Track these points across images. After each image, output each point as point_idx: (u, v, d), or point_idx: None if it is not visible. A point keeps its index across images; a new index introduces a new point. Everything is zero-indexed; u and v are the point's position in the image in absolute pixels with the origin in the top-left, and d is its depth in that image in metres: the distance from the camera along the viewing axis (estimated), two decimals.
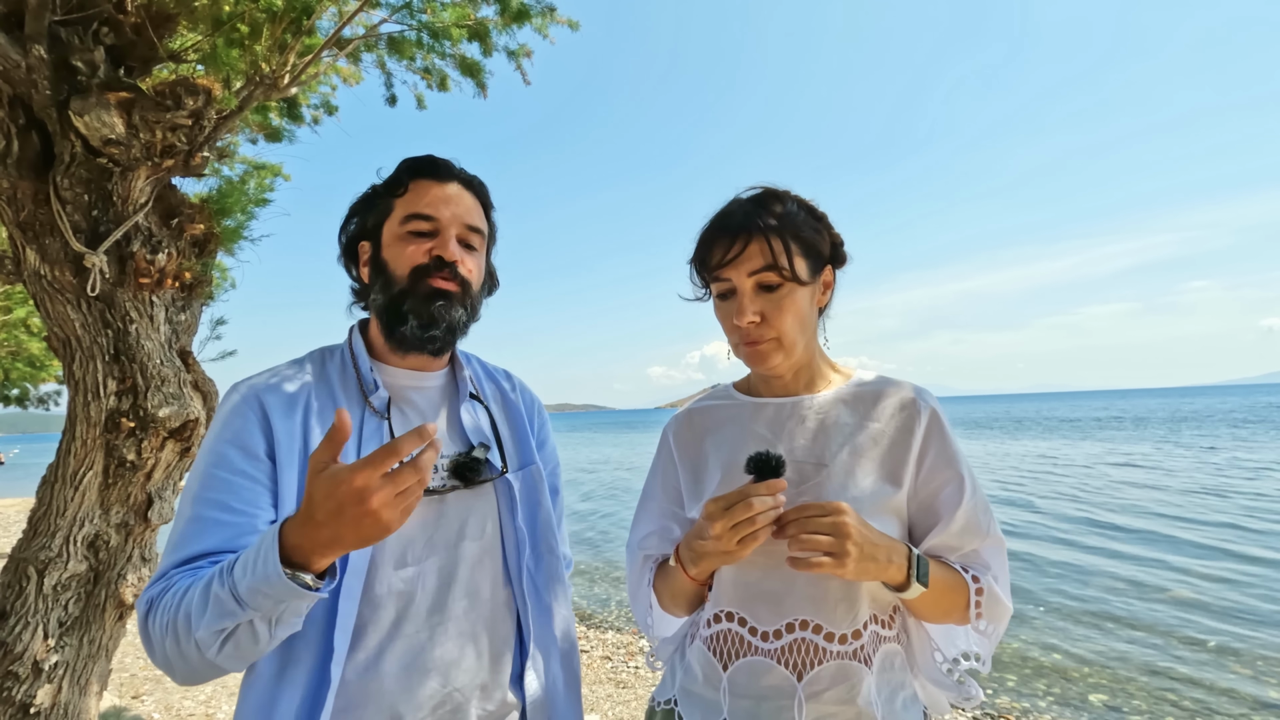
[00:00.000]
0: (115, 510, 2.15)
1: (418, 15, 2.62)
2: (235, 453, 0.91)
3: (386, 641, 0.95)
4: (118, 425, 2.06)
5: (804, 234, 1.02)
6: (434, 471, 1.03)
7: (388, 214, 1.05)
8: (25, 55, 1.79)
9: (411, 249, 1.02)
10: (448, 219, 1.03)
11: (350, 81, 3.14)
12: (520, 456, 1.15)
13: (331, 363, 1.06)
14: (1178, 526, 9.60)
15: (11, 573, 2.07)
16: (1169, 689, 4.49)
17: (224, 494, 0.89)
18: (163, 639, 0.80)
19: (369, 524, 0.69)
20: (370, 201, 1.08)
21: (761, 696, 1.00)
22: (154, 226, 2.16)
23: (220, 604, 0.74)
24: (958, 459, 1.03)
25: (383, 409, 1.02)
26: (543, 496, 1.14)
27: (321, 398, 1.00)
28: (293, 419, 0.96)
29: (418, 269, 1.01)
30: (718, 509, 0.88)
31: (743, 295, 1.02)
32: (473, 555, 1.04)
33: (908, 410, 1.05)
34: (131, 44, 2.06)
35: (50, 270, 1.97)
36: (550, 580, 1.12)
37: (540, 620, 1.09)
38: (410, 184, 1.04)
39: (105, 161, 1.96)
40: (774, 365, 1.06)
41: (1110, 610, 6.12)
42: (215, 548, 0.86)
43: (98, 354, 2.05)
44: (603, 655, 5.06)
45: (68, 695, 2.10)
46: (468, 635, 1.01)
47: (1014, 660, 5.05)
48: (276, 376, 1.00)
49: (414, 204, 1.03)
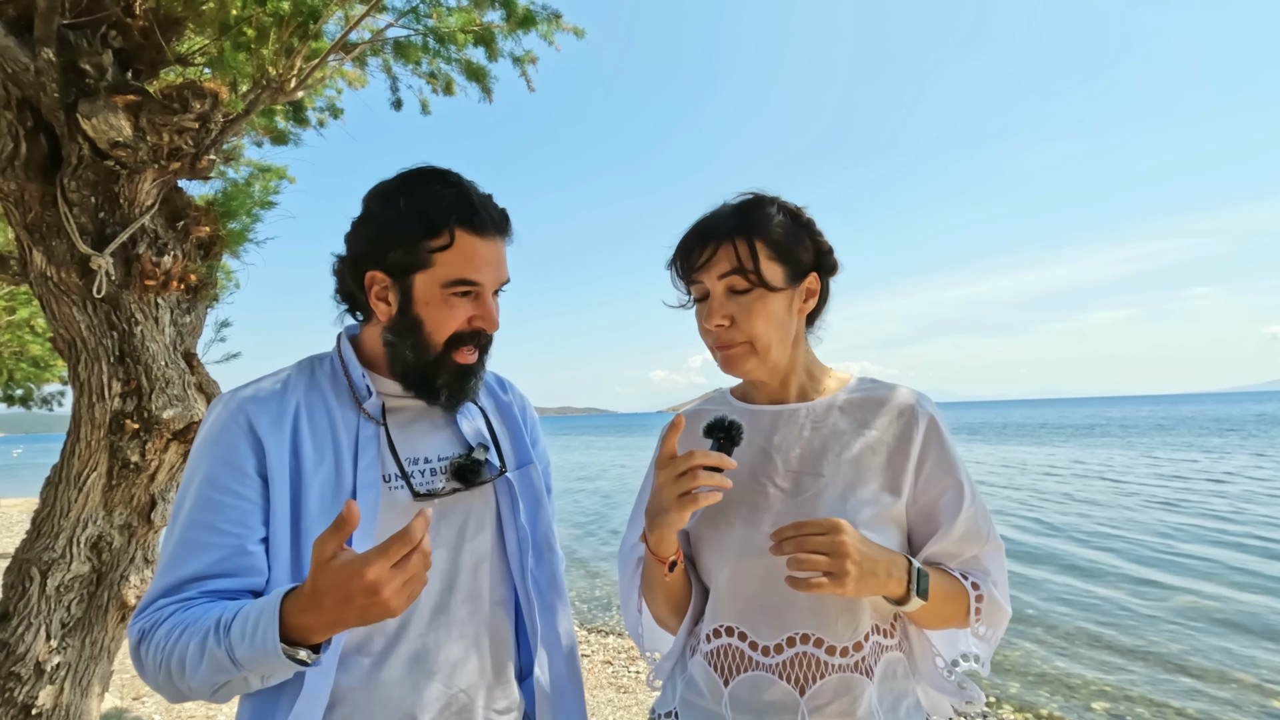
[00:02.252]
0: (118, 512, 2.16)
1: (423, 20, 2.63)
2: (224, 470, 0.90)
3: (391, 645, 0.95)
4: (122, 427, 2.07)
5: (779, 239, 1.01)
6: (432, 475, 1.03)
7: (424, 266, 0.95)
8: (34, 58, 1.80)
9: (453, 314, 0.97)
10: (490, 281, 0.99)
11: (356, 85, 3.16)
12: (517, 456, 1.15)
13: (321, 371, 1.04)
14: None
15: (15, 573, 2.07)
16: (1171, 697, 4.47)
17: (212, 514, 0.87)
18: (156, 672, 0.81)
19: (376, 611, 0.70)
20: (402, 237, 0.96)
21: (763, 711, 0.99)
22: (160, 229, 2.17)
23: (216, 661, 0.75)
24: (956, 465, 1.02)
25: (378, 415, 1.01)
26: (541, 495, 1.15)
27: (312, 407, 0.98)
28: (282, 431, 0.94)
29: (455, 337, 0.98)
30: (663, 458, 0.90)
31: (713, 299, 1.02)
32: (475, 556, 1.04)
33: (906, 417, 1.04)
34: (139, 47, 2.07)
35: (56, 272, 1.98)
36: (551, 578, 1.12)
37: (543, 618, 1.09)
38: (456, 238, 0.95)
39: (112, 164, 1.97)
40: (748, 370, 1.05)
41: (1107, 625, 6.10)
42: (203, 571, 0.85)
43: (103, 355, 2.06)
44: (603, 660, 5.05)
45: (69, 696, 2.10)
46: (471, 636, 1.01)
47: (1015, 668, 5.03)
48: (263, 389, 0.98)
49: (462, 268, 0.95)
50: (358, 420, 0.99)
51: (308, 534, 0.90)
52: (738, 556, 1.02)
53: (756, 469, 1.06)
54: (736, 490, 1.05)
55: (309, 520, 0.91)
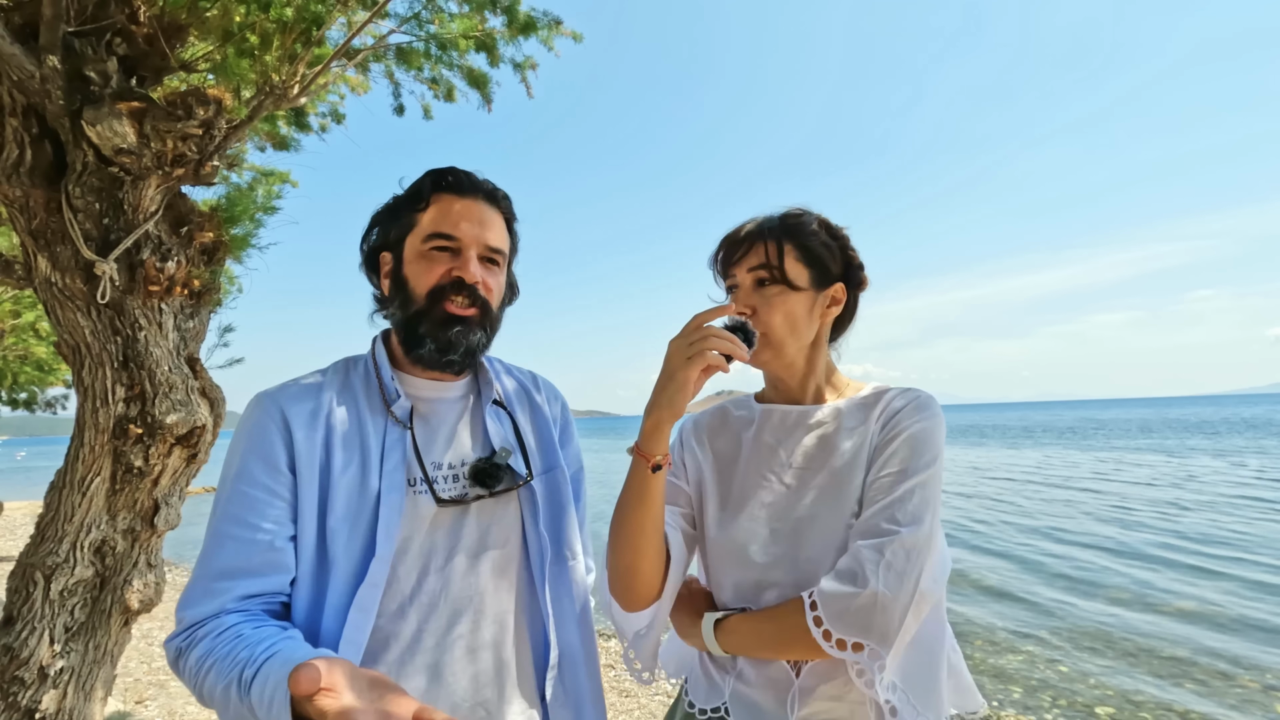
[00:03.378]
0: (122, 516, 2.16)
1: (426, 26, 2.64)
2: (258, 465, 0.92)
3: (408, 654, 0.94)
4: (126, 431, 2.08)
5: (809, 245, 1.08)
6: (455, 480, 1.03)
7: (410, 228, 1.04)
8: (39, 66, 1.81)
9: (432, 268, 1.01)
10: (470, 238, 1.02)
11: (358, 91, 3.17)
12: (545, 460, 1.14)
13: (355, 373, 1.06)
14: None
15: (19, 578, 2.08)
16: (1175, 702, 4.45)
17: (244, 509, 0.90)
18: (195, 692, 0.85)
19: None
20: (393, 213, 1.07)
21: (764, 686, 1.02)
22: (164, 234, 2.18)
23: (238, 709, 0.77)
24: (910, 456, 0.99)
25: (405, 418, 1.01)
26: (566, 500, 1.13)
27: (344, 408, 1.00)
28: (315, 430, 0.96)
29: (436, 289, 1.01)
30: (687, 329, 0.96)
31: (740, 289, 1.09)
32: (495, 564, 1.03)
33: (882, 405, 1.07)
34: (144, 54, 2.08)
35: (61, 277, 1.99)
36: (572, 586, 1.10)
37: (563, 627, 1.08)
38: (433, 198, 1.03)
39: (117, 170, 1.98)
40: (764, 361, 1.10)
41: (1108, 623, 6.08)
42: (234, 566, 0.88)
43: (107, 361, 2.07)
44: (605, 663, 5.05)
45: (73, 701, 2.10)
46: (490, 644, 1.00)
47: (1017, 673, 5.01)
48: (299, 387, 1.01)
49: (437, 221, 1.02)
50: (385, 423, 1.01)
51: (333, 534, 0.92)
52: (743, 545, 1.06)
53: (764, 463, 1.11)
54: (744, 482, 1.11)
55: (334, 520, 0.93)
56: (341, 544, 0.92)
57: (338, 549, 0.92)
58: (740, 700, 1.03)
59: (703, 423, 1.24)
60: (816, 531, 1.01)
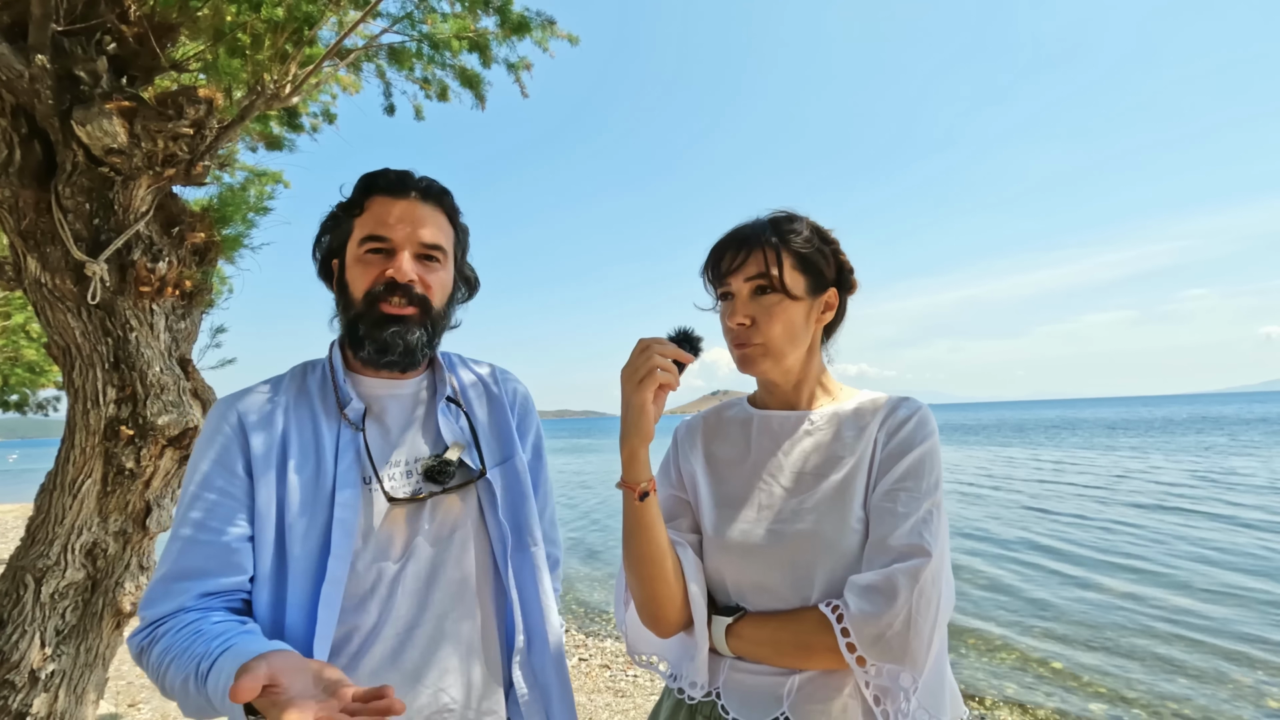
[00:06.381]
0: (114, 518, 2.15)
1: (418, 26, 2.63)
2: (215, 470, 0.96)
3: (367, 644, 0.97)
4: (117, 433, 2.07)
5: (805, 252, 1.08)
6: (409, 477, 1.06)
7: (349, 234, 1.07)
8: (29, 65, 1.80)
9: (367, 271, 1.04)
10: (402, 238, 1.04)
11: (350, 91, 3.16)
12: (502, 451, 1.16)
13: (312, 376, 1.09)
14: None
15: (9, 580, 2.07)
16: (1168, 697, 4.48)
17: (202, 513, 0.94)
18: (159, 687, 0.88)
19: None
20: (336, 220, 1.10)
21: (759, 674, 1.03)
22: (155, 235, 2.17)
23: (196, 701, 0.81)
24: (914, 473, 1.01)
25: (358, 420, 1.05)
26: (525, 488, 1.15)
27: (300, 411, 1.04)
28: (269, 432, 1.00)
29: (371, 292, 1.03)
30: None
31: (737, 299, 1.09)
32: (455, 554, 1.06)
33: (883, 415, 1.08)
34: (134, 53, 2.07)
35: (51, 278, 1.98)
36: (535, 573, 1.13)
37: (528, 612, 1.10)
38: (367, 203, 1.06)
39: (107, 170, 1.97)
40: (763, 370, 1.11)
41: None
42: (195, 568, 0.92)
43: (97, 362, 2.06)
44: (601, 664, 5.04)
45: (64, 704, 2.09)
46: (453, 635, 1.03)
47: (1012, 669, 5.03)
48: (256, 392, 1.05)
49: (370, 224, 1.04)
50: (339, 425, 1.04)
51: (290, 531, 0.96)
52: (739, 546, 1.07)
53: (763, 468, 1.12)
54: (741, 484, 1.12)
55: (291, 519, 0.96)
56: (298, 542, 0.96)
57: (295, 547, 0.95)
58: (733, 688, 1.04)
59: (696, 424, 1.25)
60: (815, 536, 1.02)
